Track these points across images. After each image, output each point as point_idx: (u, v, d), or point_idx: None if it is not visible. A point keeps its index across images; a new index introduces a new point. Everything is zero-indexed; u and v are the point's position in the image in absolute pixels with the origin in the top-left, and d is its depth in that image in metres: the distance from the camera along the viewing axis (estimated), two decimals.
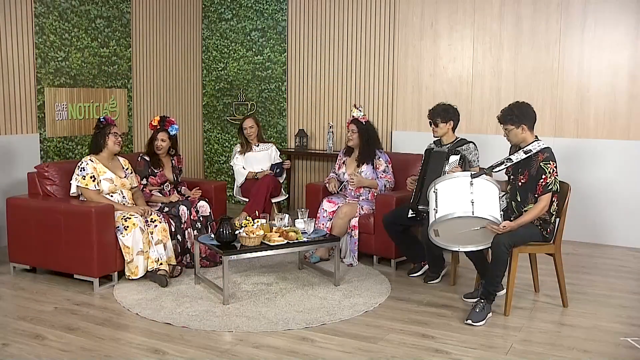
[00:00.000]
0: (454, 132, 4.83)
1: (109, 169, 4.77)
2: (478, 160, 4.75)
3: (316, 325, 3.83)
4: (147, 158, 5.21)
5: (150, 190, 5.13)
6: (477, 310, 3.92)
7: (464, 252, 4.12)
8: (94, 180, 4.65)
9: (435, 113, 4.79)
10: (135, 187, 4.96)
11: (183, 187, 5.39)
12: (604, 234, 5.98)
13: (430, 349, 3.51)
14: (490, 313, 3.97)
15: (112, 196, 4.73)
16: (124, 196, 4.81)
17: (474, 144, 4.78)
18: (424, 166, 4.66)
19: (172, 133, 5.28)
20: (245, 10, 7.59)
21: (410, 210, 4.62)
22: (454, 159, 4.46)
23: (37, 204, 4.69)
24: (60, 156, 6.06)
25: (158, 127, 5.22)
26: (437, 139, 4.87)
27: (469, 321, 3.88)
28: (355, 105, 5.52)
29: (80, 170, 4.67)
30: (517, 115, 4.01)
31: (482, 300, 3.96)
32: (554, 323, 3.94)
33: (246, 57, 7.65)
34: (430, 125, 4.84)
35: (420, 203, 4.49)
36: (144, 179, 5.13)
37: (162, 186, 5.21)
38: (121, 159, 4.97)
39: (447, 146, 4.74)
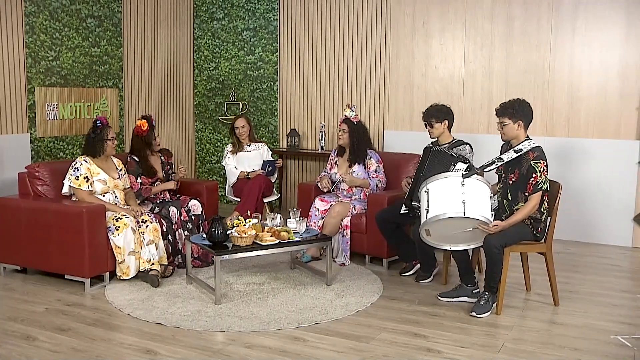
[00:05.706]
0: (450, 132, 4.83)
1: (102, 169, 4.75)
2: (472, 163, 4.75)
3: (308, 324, 3.83)
4: (136, 158, 5.17)
5: (147, 187, 5.11)
6: (482, 303, 4.00)
7: (455, 250, 4.14)
8: (87, 181, 4.63)
9: (428, 114, 4.79)
10: (128, 188, 4.95)
11: (172, 174, 5.38)
12: (594, 233, 6.01)
13: (422, 348, 3.52)
14: (495, 304, 4.03)
15: (104, 196, 4.71)
16: (116, 196, 4.79)
17: (470, 147, 4.77)
18: (422, 164, 4.60)
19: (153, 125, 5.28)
20: (237, 10, 7.58)
21: (403, 206, 4.62)
22: (460, 166, 4.29)
23: (27, 204, 4.67)
24: (51, 156, 6.03)
25: (149, 129, 5.18)
26: (434, 140, 4.86)
27: (473, 313, 3.97)
28: (348, 105, 5.52)
29: (74, 171, 4.65)
30: (517, 109, 4.04)
31: (486, 293, 4.04)
32: (545, 322, 3.96)
33: (238, 56, 7.63)
34: (426, 127, 4.82)
35: (414, 199, 4.47)
36: (138, 177, 5.11)
37: (153, 184, 5.19)
38: (115, 160, 4.95)
39: (445, 145, 4.73)
